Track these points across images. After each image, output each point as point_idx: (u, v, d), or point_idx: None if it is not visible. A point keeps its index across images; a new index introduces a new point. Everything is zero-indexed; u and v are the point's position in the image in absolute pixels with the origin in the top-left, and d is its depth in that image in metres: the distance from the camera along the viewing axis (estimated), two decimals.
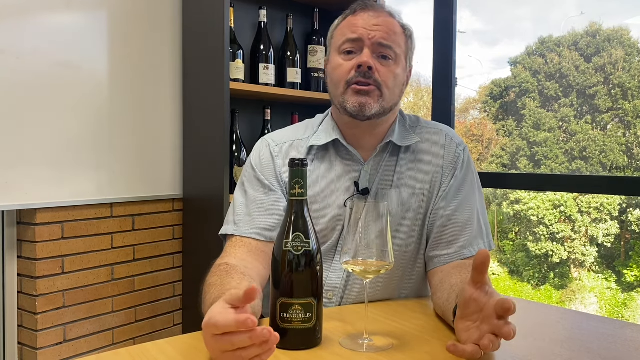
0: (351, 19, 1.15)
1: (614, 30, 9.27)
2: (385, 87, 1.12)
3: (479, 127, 10.73)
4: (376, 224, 0.88)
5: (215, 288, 0.94)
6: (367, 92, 1.11)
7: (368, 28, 1.12)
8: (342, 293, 1.17)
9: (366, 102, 1.11)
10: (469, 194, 1.18)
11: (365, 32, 1.12)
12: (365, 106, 1.11)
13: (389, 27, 1.13)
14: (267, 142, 1.23)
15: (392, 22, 1.14)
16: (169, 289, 2.13)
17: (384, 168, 1.18)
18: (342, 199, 1.16)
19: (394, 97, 1.15)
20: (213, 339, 0.73)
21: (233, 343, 0.72)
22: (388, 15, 1.15)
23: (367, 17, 1.13)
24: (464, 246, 1.13)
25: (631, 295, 8.30)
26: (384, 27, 1.12)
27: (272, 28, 2.31)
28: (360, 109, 1.11)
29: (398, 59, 1.14)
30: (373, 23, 1.12)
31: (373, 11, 1.14)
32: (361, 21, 1.13)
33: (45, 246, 1.75)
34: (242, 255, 1.09)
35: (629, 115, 8.90)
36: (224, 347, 0.73)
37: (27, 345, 1.77)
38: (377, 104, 1.12)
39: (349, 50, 1.13)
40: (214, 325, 0.73)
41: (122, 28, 1.95)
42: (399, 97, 1.18)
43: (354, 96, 1.11)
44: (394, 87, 1.14)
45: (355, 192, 1.15)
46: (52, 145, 1.77)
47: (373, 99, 1.11)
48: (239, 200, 1.19)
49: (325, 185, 1.17)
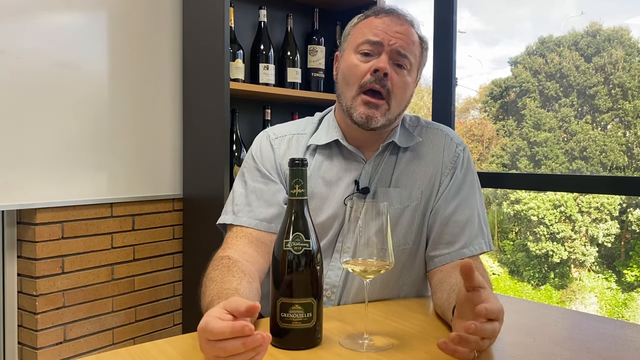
0: (374, 19, 1.14)
1: (614, 30, 9.27)
2: (394, 98, 1.12)
3: (479, 127, 10.73)
4: (376, 223, 0.88)
5: (215, 284, 0.94)
6: (376, 106, 1.11)
7: (390, 34, 1.11)
8: (341, 292, 1.17)
9: (373, 115, 1.11)
10: (469, 194, 1.18)
11: (387, 37, 1.11)
12: (372, 119, 1.11)
13: (409, 37, 1.13)
14: (268, 134, 1.24)
15: (412, 32, 1.14)
16: (168, 288, 2.13)
17: (383, 167, 1.18)
18: (341, 197, 1.16)
19: (400, 108, 1.16)
20: (207, 344, 0.74)
21: (226, 350, 0.72)
22: (410, 25, 1.15)
23: (390, 23, 1.12)
24: (464, 245, 1.13)
25: (631, 295, 8.30)
26: (405, 35, 1.12)
27: (272, 28, 2.31)
28: (367, 121, 1.11)
29: (412, 69, 1.14)
30: (395, 30, 1.12)
31: (397, 17, 1.14)
32: (384, 25, 1.12)
33: (45, 246, 1.76)
34: (244, 247, 1.09)
35: (629, 115, 8.90)
36: (217, 352, 0.73)
37: (27, 345, 1.77)
38: (384, 117, 1.12)
39: (367, 52, 1.12)
40: (209, 331, 0.73)
41: (122, 28, 1.95)
42: (404, 108, 1.18)
43: (362, 106, 1.11)
44: (402, 98, 1.14)
45: (355, 191, 1.15)
46: (52, 145, 1.77)
47: (380, 113, 1.11)
48: (238, 190, 1.19)
49: (325, 182, 1.18)
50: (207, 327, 0.74)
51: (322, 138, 1.20)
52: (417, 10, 11.47)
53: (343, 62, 1.17)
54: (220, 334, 0.72)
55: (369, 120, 1.11)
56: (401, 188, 1.17)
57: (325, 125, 1.22)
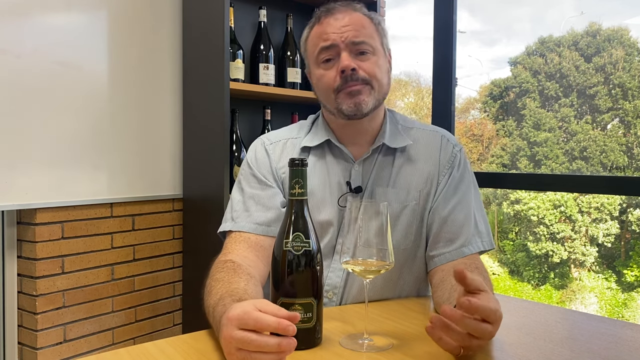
0: (319, 28, 1.16)
1: (613, 30, 9.27)
2: (375, 80, 1.14)
3: (479, 127, 10.73)
4: (376, 223, 0.88)
5: (222, 284, 0.94)
6: (359, 91, 1.12)
7: (338, 32, 1.13)
8: (342, 292, 1.17)
9: (361, 100, 1.12)
10: (466, 193, 1.19)
11: (337, 36, 1.12)
12: (361, 104, 1.12)
13: (357, 23, 1.14)
14: (262, 140, 1.26)
15: (358, 17, 1.15)
16: (169, 288, 2.13)
17: (378, 167, 1.18)
18: (334, 197, 1.17)
19: (384, 86, 1.17)
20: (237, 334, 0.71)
21: (259, 345, 0.71)
22: (352, 11, 1.16)
23: (334, 21, 1.14)
24: (464, 244, 1.13)
25: (631, 295, 8.30)
26: (352, 25, 1.13)
27: (272, 28, 2.31)
28: (357, 108, 1.12)
29: (376, 50, 1.15)
30: (341, 25, 1.13)
31: (337, 13, 1.15)
32: (329, 27, 1.14)
33: (45, 246, 1.76)
34: (244, 252, 1.10)
35: (629, 115, 8.90)
36: (246, 346, 0.71)
37: (27, 345, 1.77)
38: (371, 98, 1.14)
39: (327, 58, 1.14)
40: (253, 319, 0.71)
41: (122, 28, 1.95)
42: (388, 85, 1.20)
43: (347, 98, 1.12)
44: (382, 77, 1.16)
45: (347, 191, 1.16)
46: (52, 145, 1.77)
47: (366, 95, 1.13)
48: (236, 198, 1.20)
49: (318, 183, 1.18)
50: (249, 315, 0.71)
51: (314, 140, 1.21)
52: (417, 10, 11.45)
53: (313, 79, 1.20)
54: (266, 325, 0.70)
55: (358, 107, 1.12)
56: (399, 188, 1.17)
57: (317, 127, 1.24)
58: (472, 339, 0.78)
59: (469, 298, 0.76)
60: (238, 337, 0.72)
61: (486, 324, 0.77)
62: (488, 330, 0.77)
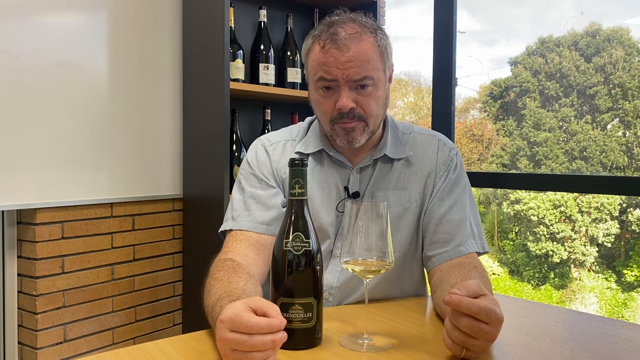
0: (321, 54, 1.10)
1: (613, 30, 9.27)
2: (370, 117, 1.12)
3: (479, 127, 10.73)
4: (376, 223, 0.88)
5: (222, 284, 0.94)
6: (353, 129, 1.12)
7: (341, 67, 1.08)
8: (338, 293, 1.17)
9: (354, 137, 1.12)
10: (461, 196, 1.20)
11: (339, 72, 1.08)
12: (354, 140, 1.12)
13: (361, 58, 1.08)
14: (262, 141, 1.26)
15: (362, 50, 1.08)
16: (169, 288, 2.13)
17: (377, 174, 1.19)
18: (333, 203, 1.18)
19: (379, 118, 1.16)
20: (230, 335, 0.73)
21: (253, 345, 0.72)
22: (359, 40, 1.08)
23: (338, 54, 1.08)
24: (461, 243, 1.14)
25: (631, 295, 8.30)
26: (355, 61, 1.08)
27: (272, 28, 2.31)
28: (349, 143, 1.13)
29: (377, 81, 1.12)
30: (344, 60, 1.07)
31: (342, 44, 1.08)
32: (332, 59, 1.08)
33: (45, 246, 1.76)
34: (244, 250, 1.10)
35: (629, 115, 8.91)
36: (239, 346, 0.73)
37: (27, 345, 1.77)
38: (364, 134, 1.13)
39: (326, 87, 1.12)
40: (243, 323, 0.72)
41: (122, 28, 1.95)
42: (384, 114, 1.19)
43: (342, 133, 1.12)
44: (378, 111, 1.14)
45: (346, 197, 1.17)
46: (52, 145, 1.77)
47: (359, 132, 1.12)
48: (236, 197, 1.20)
49: (316, 189, 1.19)
50: (240, 318, 0.73)
51: (309, 146, 1.21)
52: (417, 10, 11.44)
53: (310, 92, 1.18)
54: (259, 328, 0.72)
55: (351, 142, 1.13)
56: (400, 190, 1.18)
57: (313, 132, 1.24)
58: (470, 338, 0.78)
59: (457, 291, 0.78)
60: (231, 339, 0.73)
61: (482, 324, 0.77)
62: (484, 331, 0.77)
